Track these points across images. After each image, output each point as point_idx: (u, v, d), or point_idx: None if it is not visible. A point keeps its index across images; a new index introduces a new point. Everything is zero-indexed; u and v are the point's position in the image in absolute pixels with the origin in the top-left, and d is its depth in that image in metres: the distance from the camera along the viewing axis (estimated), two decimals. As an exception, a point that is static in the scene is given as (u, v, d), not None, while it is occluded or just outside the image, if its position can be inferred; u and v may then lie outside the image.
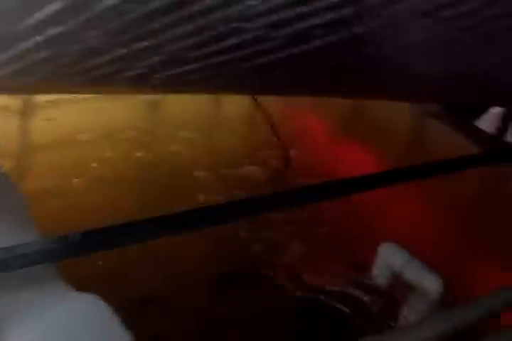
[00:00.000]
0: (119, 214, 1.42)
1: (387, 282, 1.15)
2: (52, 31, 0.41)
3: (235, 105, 2.24)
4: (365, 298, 1.13)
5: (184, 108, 2.16)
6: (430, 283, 1.06)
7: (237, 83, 0.59)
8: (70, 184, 1.68)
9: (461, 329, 0.98)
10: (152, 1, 0.40)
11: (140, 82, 0.52)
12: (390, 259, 1.13)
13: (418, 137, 2.24)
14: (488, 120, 2.74)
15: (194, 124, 2.16)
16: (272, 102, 2.04)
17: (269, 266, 1.41)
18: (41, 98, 2.06)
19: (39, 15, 0.39)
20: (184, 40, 0.44)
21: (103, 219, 0.77)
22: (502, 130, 2.10)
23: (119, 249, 0.77)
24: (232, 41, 0.45)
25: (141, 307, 1.26)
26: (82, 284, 0.74)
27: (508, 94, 0.82)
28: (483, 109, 2.82)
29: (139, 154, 1.91)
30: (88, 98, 2.10)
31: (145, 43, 0.43)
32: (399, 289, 1.13)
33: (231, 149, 2.03)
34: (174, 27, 0.43)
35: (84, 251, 0.80)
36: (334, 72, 0.57)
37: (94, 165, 1.79)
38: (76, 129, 1.96)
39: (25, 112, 2.05)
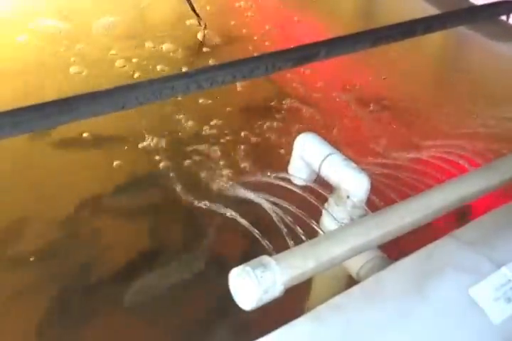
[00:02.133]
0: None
1: (305, 181, 0.94)
2: None
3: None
4: (277, 206, 0.92)
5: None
6: (355, 183, 0.86)
7: None
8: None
9: (394, 235, 0.79)
10: None
11: None
12: (307, 154, 0.91)
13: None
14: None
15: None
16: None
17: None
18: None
19: None
20: None
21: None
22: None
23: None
24: None
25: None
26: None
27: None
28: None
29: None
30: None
31: None
32: (319, 189, 0.92)
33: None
34: None
35: None
36: None
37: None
38: None
39: None
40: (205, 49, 1.73)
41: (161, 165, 1.30)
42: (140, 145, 1.35)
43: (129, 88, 0.85)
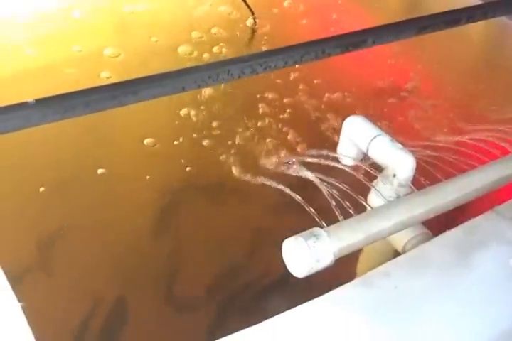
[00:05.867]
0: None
1: (354, 162, 0.99)
2: None
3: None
4: (327, 182, 0.97)
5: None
6: (401, 162, 0.90)
7: None
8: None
9: (438, 212, 0.84)
10: None
11: None
12: (355, 135, 0.96)
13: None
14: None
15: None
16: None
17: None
18: None
19: None
20: None
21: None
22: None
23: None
24: None
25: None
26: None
27: None
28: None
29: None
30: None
31: None
32: (367, 170, 0.97)
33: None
34: None
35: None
36: None
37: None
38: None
39: None
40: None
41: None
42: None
43: (188, 71, 0.90)
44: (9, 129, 0.74)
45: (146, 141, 1.34)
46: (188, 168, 1.28)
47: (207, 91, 1.44)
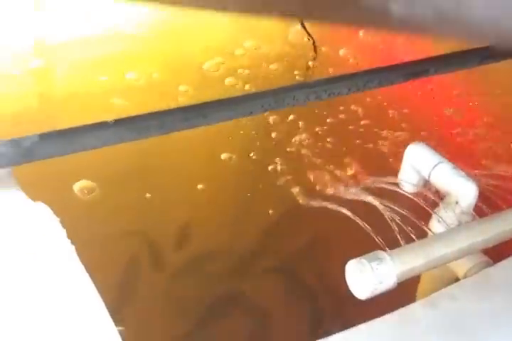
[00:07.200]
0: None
1: (415, 189, 1.00)
2: None
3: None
4: (389, 208, 0.98)
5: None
6: (464, 190, 0.91)
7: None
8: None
9: (500, 240, 0.84)
10: None
11: None
12: (417, 162, 0.97)
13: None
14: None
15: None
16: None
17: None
18: None
19: None
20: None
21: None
22: None
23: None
24: None
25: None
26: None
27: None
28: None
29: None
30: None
31: None
32: (428, 197, 0.98)
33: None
34: None
35: (41, 155, 0.72)
36: None
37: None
38: None
39: None
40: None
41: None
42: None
43: (255, 96, 0.94)
44: (88, 147, 0.78)
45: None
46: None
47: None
